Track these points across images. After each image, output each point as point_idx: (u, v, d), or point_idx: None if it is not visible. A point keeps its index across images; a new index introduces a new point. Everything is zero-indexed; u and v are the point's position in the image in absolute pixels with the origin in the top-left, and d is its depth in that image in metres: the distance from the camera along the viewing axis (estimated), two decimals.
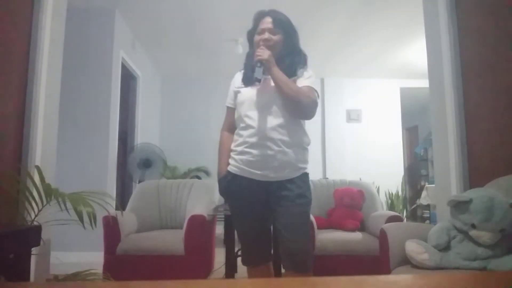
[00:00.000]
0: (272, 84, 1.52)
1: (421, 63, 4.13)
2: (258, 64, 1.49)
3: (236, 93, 1.64)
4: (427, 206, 6.22)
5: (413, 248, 1.56)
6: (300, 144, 1.56)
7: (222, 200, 4.74)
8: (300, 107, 1.50)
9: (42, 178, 1.67)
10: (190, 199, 2.99)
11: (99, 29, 3.62)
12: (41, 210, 1.64)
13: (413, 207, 6.74)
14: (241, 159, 1.54)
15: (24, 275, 1.45)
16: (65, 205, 1.53)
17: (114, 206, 2.95)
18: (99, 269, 2.18)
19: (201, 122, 5.80)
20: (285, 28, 1.59)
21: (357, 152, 5.87)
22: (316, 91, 1.56)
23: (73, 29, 3.23)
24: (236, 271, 2.66)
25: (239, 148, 1.56)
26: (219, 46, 4.73)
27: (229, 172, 1.59)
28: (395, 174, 5.82)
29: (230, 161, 1.60)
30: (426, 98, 2.63)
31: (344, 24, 4.01)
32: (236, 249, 2.66)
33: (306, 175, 1.58)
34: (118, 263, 2.44)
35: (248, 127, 1.54)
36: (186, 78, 5.96)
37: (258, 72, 1.48)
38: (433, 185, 4.61)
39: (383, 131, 5.96)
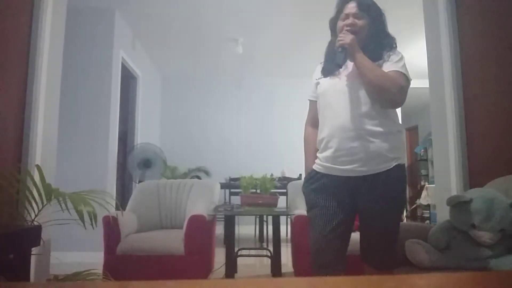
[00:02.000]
0: (352, 70, 1.42)
1: (421, 63, 4.12)
2: (340, 49, 1.39)
3: (316, 84, 1.55)
4: (427, 206, 6.22)
5: (413, 248, 1.56)
6: (389, 132, 1.40)
7: (222, 200, 4.73)
8: (386, 95, 1.35)
9: (42, 178, 1.67)
10: (190, 199, 2.99)
11: (99, 29, 3.63)
12: (41, 210, 1.64)
13: (413, 207, 6.74)
14: (324, 156, 1.44)
15: (24, 275, 1.44)
16: (66, 205, 1.53)
17: (114, 205, 2.96)
18: (99, 269, 2.18)
19: (201, 122, 5.80)
20: (371, 12, 1.47)
21: None
22: (405, 75, 1.39)
23: (73, 29, 3.23)
24: (236, 271, 2.66)
25: (322, 144, 1.47)
26: (219, 46, 4.73)
27: (313, 170, 1.49)
28: None
29: (316, 160, 1.51)
30: (426, 98, 2.62)
31: None
32: (236, 249, 2.66)
33: (399, 167, 1.39)
34: (118, 263, 2.44)
35: (328, 118, 1.45)
36: (186, 78, 5.96)
37: (339, 58, 1.39)
38: (433, 185, 4.61)
39: None
